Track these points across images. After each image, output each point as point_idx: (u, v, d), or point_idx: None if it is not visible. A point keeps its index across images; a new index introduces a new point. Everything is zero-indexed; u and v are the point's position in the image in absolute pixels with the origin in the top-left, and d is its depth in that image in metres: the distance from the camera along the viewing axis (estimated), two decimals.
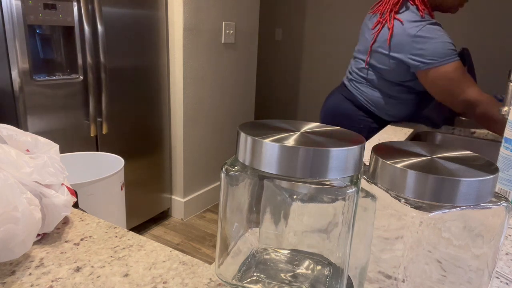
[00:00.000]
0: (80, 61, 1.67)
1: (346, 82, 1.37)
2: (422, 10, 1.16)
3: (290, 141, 0.32)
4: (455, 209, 0.31)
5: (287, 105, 3.74)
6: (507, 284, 0.45)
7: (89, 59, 1.66)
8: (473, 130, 1.28)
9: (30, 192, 0.43)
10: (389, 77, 1.25)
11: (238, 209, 0.38)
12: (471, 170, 0.32)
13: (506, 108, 1.37)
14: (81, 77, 1.69)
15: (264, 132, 0.34)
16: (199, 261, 0.44)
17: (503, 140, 0.62)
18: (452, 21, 2.78)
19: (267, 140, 0.32)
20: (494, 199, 0.33)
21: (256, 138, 0.33)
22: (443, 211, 0.31)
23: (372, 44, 1.24)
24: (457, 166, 0.33)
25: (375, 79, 1.28)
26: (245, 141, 0.34)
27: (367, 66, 1.28)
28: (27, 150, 0.49)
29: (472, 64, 1.25)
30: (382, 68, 1.24)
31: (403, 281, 0.34)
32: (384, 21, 1.20)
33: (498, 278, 0.46)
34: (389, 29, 1.18)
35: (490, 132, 1.26)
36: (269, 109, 3.84)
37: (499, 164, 0.63)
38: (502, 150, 0.62)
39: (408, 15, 1.16)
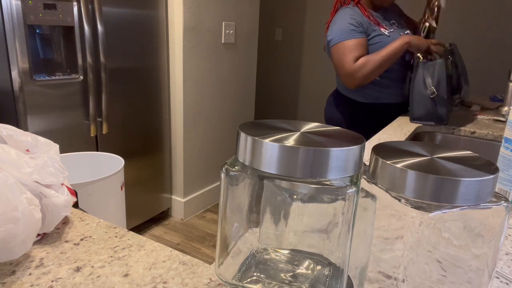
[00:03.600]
0: (80, 61, 1.67)
1: None
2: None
3: (290, 141, 0.32)
4: (455, 209, 0.31)
5: (287, 105, 3.74)
6: (507, 284, 0.45)
7: (89, 59, 1.66)
8: (473, 130, 1.28)
9: (30, 192, 0.43)
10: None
11: (238, 209, 0.38)
12: (471, 170, 0.32)
13: (506, 108, 1.37)
14: (81, 77, 1.69)
15: (264, 132, 0.34)
16: (199, 261, 0.44)
17: (503, 140, 0.62)
18: (452, 20, 2.78)
19: (267, 140, 0.32)
20: (494, 199, 0.33)
21: (256, 138, 0.33)
22: (443, 211, 0.31)
23: None
24: (457, 166, 0.33)
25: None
26: (245, 141, 0.34)
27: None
28: (27, 150, 0.49)
29: (460, 58, 1.31)
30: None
31: (403, 281, 0.34)
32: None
33: (498, 278, 0.46)
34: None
35: (490, 132, 1.26)
36: (269, 109, 3.84)
37: (499, 164, 0.63)
38: (502, 150, 0.62)
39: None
